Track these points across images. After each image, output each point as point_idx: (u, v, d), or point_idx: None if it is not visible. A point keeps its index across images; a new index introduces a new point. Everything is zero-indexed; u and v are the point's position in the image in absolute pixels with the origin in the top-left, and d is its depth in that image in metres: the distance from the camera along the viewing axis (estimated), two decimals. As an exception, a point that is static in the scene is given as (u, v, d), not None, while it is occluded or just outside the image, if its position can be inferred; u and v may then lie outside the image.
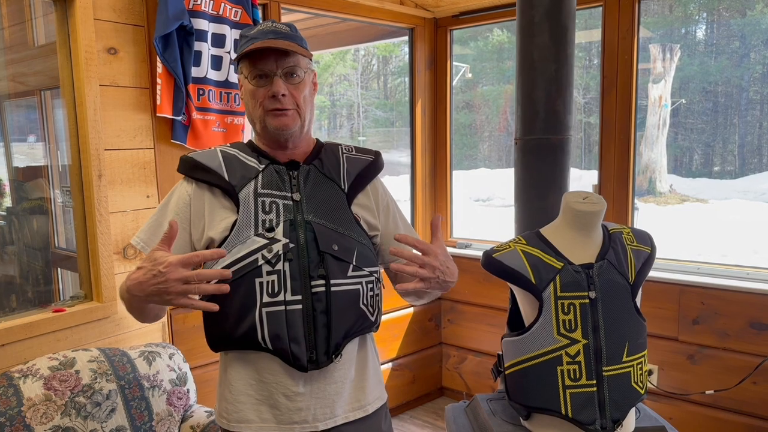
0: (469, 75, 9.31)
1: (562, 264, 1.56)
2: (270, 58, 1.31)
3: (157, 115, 2.20)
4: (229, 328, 1.30)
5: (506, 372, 1.66)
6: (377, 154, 1.50)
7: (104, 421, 1.85)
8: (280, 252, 1.29)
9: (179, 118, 2.25)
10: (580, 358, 1.53)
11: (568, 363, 1.53)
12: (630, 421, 1.61)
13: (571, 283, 1.54)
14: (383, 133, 13.28)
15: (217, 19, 2.32)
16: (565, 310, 1.54)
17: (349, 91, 13.88)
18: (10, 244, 2.28)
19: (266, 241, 1.29)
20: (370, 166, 1.46)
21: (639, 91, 2.58)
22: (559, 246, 1.60)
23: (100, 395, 1.86)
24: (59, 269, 2.58)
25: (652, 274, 2.62)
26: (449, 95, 3.31)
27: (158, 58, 2.16)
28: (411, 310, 3.25)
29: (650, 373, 2.67)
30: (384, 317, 3.06)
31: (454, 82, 3.38)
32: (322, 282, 1.30)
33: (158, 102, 2.19)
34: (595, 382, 1.53)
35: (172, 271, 1.14)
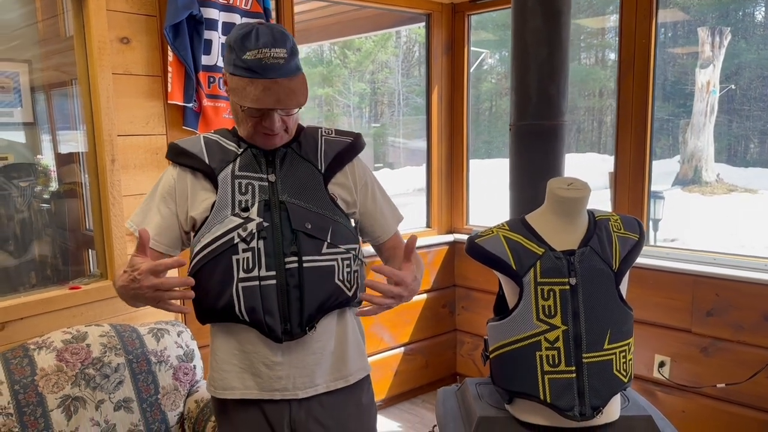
0: (490, 60, 9.16)
1: (543, 250, 1.56)
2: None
3: (169, 102, 2.28)
4: (211, 301, 1.39)
5: (490, 356, 1.67)
6: (357, 136, 1.53)
7: (112, 393, 1.95)
8: (254, 231, 1.35)
9: (190, 105, 2.33)
10: (560, 344, 1.53)
11: (546, 348, 1.54)
12: (613, 409, 1.60)
13: (552, 269, 1.54)
14: (422, 121, 13.24)
15: (228, 8, 2.38)
16: (545, 296, 1.54)
17: (390, 78, 13.87)
18: (48, 226, 2.41)
19: (241, 221, 1.36)
20: (348, 147, 1.49)
21: (686, 77, 2.52)
22: (542, 232, 1.60)
23: (109, 368, 1.97)
24: (90, 250, 2.72)
25: (666, 264, 2.57)
26: (466, 81, 3.29)
27: (169, 47, 2.24)
28: (424, 296, 3.27)
29: (662, 365, 2.62)
30: (396, 302, 3.11)
31: (473, 68, 3.36)
32: (295, 259, 1.36)
33: (169, 89, 2.27)
34: (574, 368, 1.53)
35: (144, 278, 1.24)
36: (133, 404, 1.98)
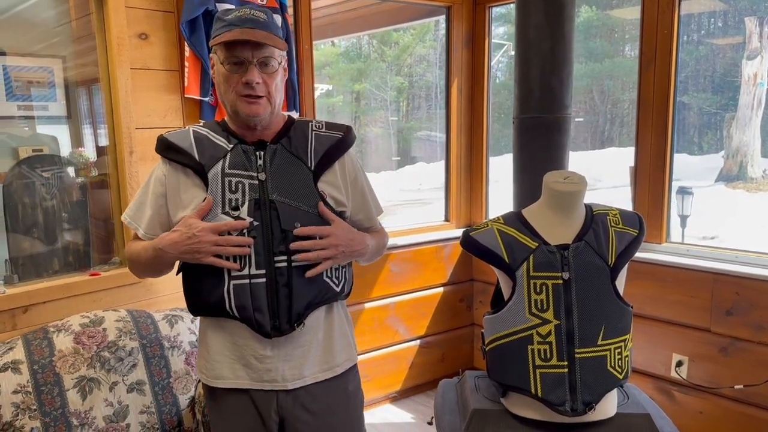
0: (512, 53, 8.99)
1: (537, 244, 1.55)
2: (246, 47, 1.37)
3: (186, 96, 2.35)
4: (203, 297, 1.43)
5: (486, 349, 1.67)
6: (347, 130, 1.52)
7: (125, 375, 2.04)
8: (245, 230, 1.38)
9: (206, 98, 2.39)
10: (552, 338, 1.52)
11: (538, 342, 1.53)
12: (608, 405, 1.58)
13: (544, 263, 1.53)
14: (460, 115, 13.07)
15: (244, 4, 2.42)
16: (538, 290, 1.53)
17: (428, 72, 13.81)
18: (73, 215, 2.51)
19: (231, 220, 1.38)
20: (338, 143, 1.49)
21: (736, 69, 2.46)
22: (537, 226, 1.59)
23: (123, 351, 2.05)
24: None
25: (685, 261, 2.51)
26: (487, 74, 3.27)
27: (185, 42, 2.30)
28: (441, 290, 3.28)
29: (680, 364, 2.55)
30: (411, 295, 3.15)
31: (494, 61, 3.33)
32: (284, 258, 1.38)
33: (186, 83, 2.34)
34: (566, 363, 1.52)
35: (205, 235, 1.34)
36: (145, 387, 2.06)
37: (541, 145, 1.80)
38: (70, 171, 2.45)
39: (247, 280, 1.38)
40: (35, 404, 1.87)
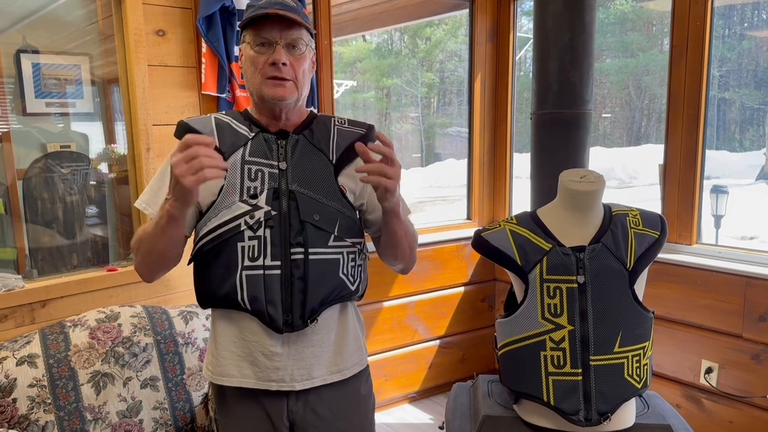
0: None
1: (551, 246, 1.49)
2: (274, 28, 1.33)
3: (203, 92, 2.35)
4: (213, 287, 1.39)
5: (498, 353, 1.62)
6: (370, 127, 1.48)
7: (139, 371, 2.05)
8: (262, 219, 1.34)
9: (224, 95, 2.38)
10: (565, 344, 1.46)
11: (551, 349, 1.47)
12: (625, 415, 1.51)
13: (559, 266, 1.47)
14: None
15: (261, -2, 2.41)
16: (551, 294, 1.47)
17: (459, 67, 13.68)
18: (95, 211, 2.54)
19: (249, 208, 1.34)
20: (361, 139, 1.45)
21: None
22: (552, 227, 1.52)
23: (138, 347, 2.06)
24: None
25: (716, 263, 2.40)
26: (511, 69, 3.18)
27: (202, 39, 2.30)
28: (462, 289, 3.22)
29: (709, 371, 2.45)
30: (431, 295, 3.10)
31: (520, 55, 3.25)
32: (301, 250, 1.34)
33: (203, 80, 2.34)
34: (580, 370, 1.46)
35: (175, 157, 1.18)
36: (159, 383, 2.06)
37: (559, 142, 1.73)
38: (103, 167, 2.48)
39: (261, 271, 1.34)
40: (50, 398, 1.89)
